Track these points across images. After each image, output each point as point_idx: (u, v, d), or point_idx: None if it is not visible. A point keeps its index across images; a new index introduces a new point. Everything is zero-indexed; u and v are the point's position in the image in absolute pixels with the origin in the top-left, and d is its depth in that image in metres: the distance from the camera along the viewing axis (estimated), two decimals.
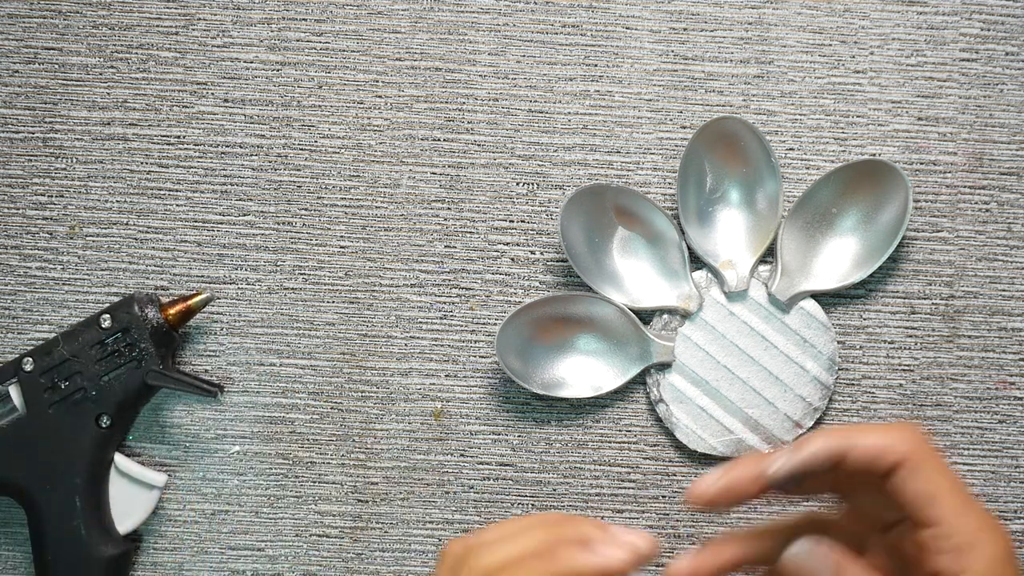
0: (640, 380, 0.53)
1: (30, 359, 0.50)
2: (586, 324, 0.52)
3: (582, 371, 0.52)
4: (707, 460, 0.53)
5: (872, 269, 0.52)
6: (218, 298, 0.53)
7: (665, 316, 0.52)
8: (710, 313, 0.52)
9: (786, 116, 0.53)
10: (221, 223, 0.53)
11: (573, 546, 0.39)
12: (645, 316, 0.52)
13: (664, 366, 0.52)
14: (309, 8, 0.54)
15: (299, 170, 0.53)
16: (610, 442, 0.53)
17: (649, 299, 0.52)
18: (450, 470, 0.53)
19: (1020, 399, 0.53)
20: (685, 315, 0.52)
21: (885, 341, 0.53)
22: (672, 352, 0.52)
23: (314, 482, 0.53)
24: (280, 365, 0.53)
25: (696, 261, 0.52)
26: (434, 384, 0.53)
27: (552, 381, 0.52)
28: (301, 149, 0.54)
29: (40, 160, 0.54)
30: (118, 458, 0.51)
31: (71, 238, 0.53)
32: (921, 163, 0.53)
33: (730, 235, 0.52)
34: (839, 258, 0.52)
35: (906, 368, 0.53)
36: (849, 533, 0.42)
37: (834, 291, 0.52)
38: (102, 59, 0.54)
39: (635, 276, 0.52)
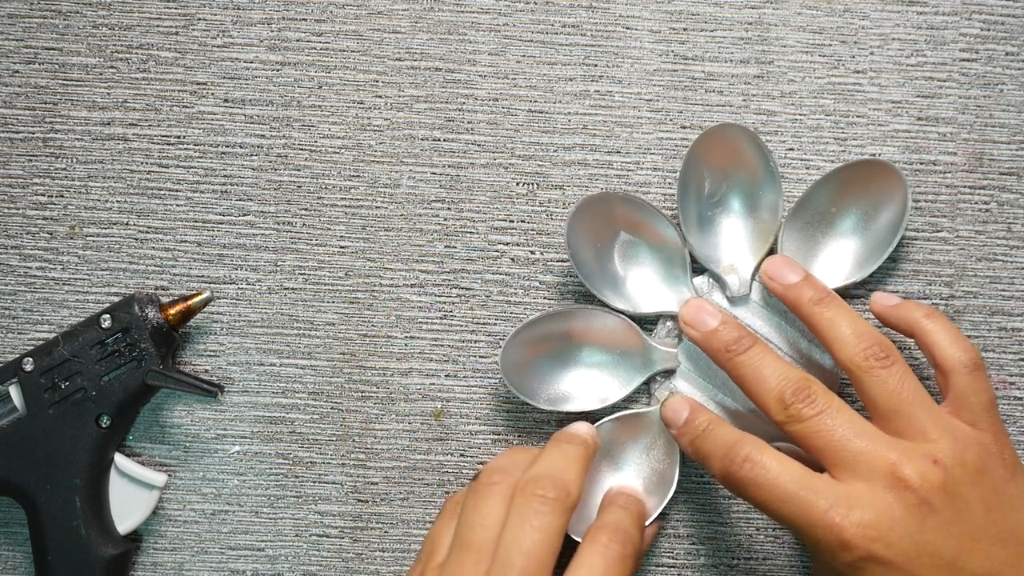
0: (645, 386, 0.52)
1: (30, 359, 0.50)
2: (588, 337, 0.51)
3: (587, 384, 0.52)
4: None
5: (872, 268, 0.52)
6: (218, 298, 0.53)
7: (669, 323, 0.52)
8: None
9: (786, 116, 0.53)
10: (221, 223, 0.53)
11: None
12: (648, 322, 0.52)
13: (668, 372, 0.52)
14: (309, 8, 0.54)
15: (299, 170, 0.53)
16: None
17: (651, 305, 0.52)
18: (450, 470, 0.53)
19: (1020, 399, 0.53)
20: None
21: None
22: (676, 358, 0.52)
23: (314, 482, 0.53)
24: (280, 365, 0.53)
25: (696, 265, 0.52)
26: (434, 384, 0.53)
27: (558, 396, 0.51)
28: (301, 149, 0.54)
29: (40, 160, 0.54)
30: (118, 458, 0.51)
31: (71, 238, 0.53)
32: (921, 163, 0.53)
33: (731, 240, 0.52)
34: (839, 258, 0.52)
35: None
36: None
37: (835, 291, 0.52)
38: (102, 59, 0.54)
39: (637, 282, 0.52)
